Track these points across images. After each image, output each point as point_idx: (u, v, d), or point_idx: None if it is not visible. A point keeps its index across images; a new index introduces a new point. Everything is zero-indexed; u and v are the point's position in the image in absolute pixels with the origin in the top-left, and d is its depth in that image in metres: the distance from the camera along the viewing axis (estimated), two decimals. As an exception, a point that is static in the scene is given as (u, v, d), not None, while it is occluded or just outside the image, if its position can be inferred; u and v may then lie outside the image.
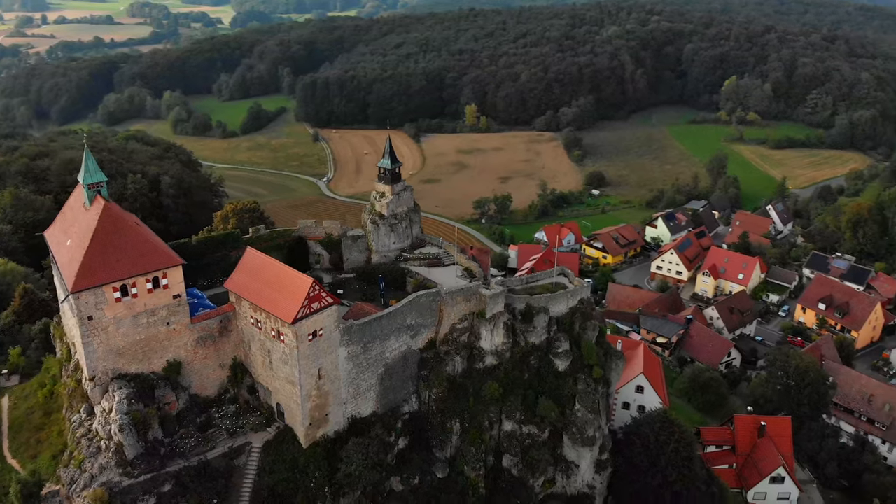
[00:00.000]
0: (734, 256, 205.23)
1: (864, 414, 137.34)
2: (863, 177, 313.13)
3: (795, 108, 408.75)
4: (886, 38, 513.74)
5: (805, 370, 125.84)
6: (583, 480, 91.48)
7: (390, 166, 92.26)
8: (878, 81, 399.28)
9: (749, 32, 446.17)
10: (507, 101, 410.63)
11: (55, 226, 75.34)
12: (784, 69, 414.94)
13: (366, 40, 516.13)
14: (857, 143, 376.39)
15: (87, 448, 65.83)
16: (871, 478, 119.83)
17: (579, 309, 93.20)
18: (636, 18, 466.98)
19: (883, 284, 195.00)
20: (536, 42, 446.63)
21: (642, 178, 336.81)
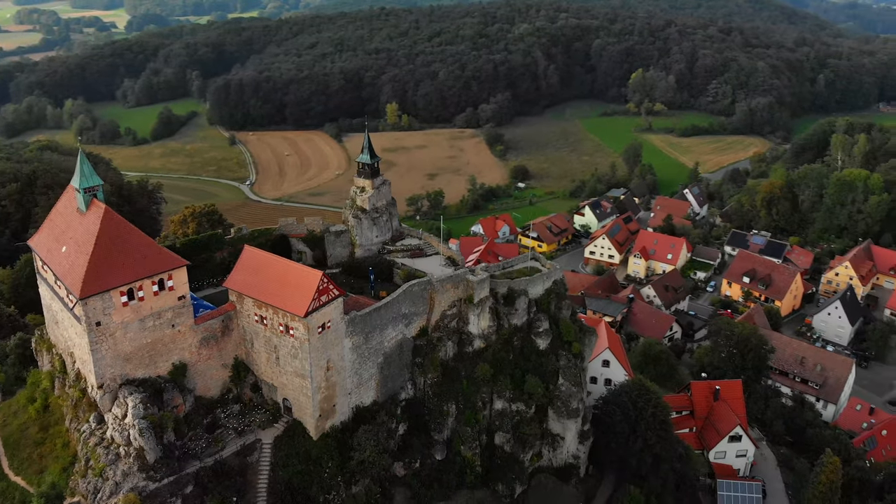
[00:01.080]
0: (662, 238, 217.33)
1: (797, 375, 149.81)
2: (766, 159, 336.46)
3: (698, 97, 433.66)
4: (776, 29, 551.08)
5: (747, 337, 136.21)
6: (568, 452, 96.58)
7: (370, 161, 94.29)
8: (772, 70, 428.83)
9: (651, 27, 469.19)
10: (428, 100, 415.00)
11: (42, 234, 73.10)
12: (686, 61, 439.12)
13: (276, 40, 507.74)
14: (756, 129, 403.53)
15: (105, 456, 64.80)
16: (813, 432, 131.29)
17: (554, 290, 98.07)
18: (545, 16, 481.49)
19: (798, 257, 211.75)
20: (451, 40, 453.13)
21: (563, 170, 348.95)
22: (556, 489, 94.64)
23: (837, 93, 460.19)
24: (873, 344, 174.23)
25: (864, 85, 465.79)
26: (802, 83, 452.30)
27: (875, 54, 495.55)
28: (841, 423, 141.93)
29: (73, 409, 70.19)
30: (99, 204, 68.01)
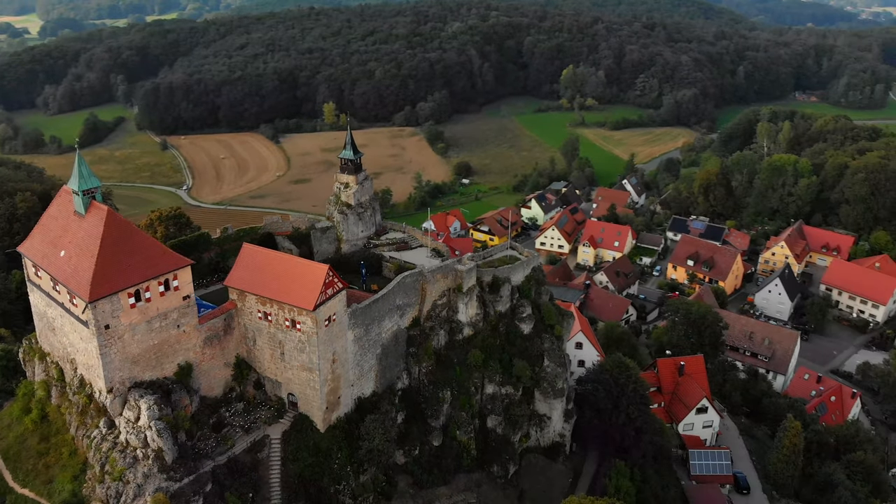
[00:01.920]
0: (608, 227, 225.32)
1: (748, 349, 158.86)
2: (695, 148, 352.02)
3: (627, 91, 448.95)
4: (696, 24, 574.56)
5: (703, 315, 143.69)
6: (554, 431, 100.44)
7: (353, 157, 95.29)
8: (695, 63, 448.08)
9: (580, 24, 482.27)
10: (365, 99, 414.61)
11: (34, 239, 71.37)
12: (614, 57, 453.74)
13: (204, 42, 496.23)
14: (683, 120, 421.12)
15: (122, 460, 64.13)
16: (769, 402, 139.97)
17: (533, 276, 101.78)
18: (476, 14, 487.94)
19: (736, 239, 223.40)
20: (385, 39, 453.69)
21: (504, 166, 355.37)
22: (545, 467, 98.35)
23: (756, 83, 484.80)
24: (812, 318, 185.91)
25: (780, 75, 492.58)
26: (723, 75, 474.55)
27: (790, 45, 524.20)
28: (791, 392, 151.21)
29: (79, 416, 68.92)
30: (100, 205, 67.24)
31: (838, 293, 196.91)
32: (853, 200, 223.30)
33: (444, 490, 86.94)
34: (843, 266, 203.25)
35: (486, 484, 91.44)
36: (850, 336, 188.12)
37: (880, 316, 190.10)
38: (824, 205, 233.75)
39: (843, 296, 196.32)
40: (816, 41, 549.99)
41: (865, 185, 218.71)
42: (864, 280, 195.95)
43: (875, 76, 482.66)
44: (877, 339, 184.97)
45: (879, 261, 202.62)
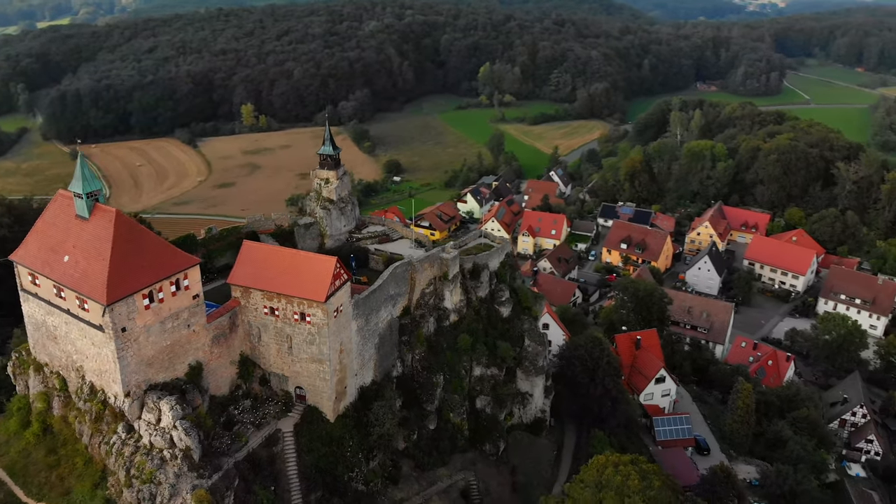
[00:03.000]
0: (545, 216, 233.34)
1: (687, 323, 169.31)
2: (611, 139, 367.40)
3: (542, 87, 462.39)
4: (601, 20, 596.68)
5: (650, 292, 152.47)
6: (536, 407, 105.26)
7: (333, 152, 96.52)
8: (605, 58, 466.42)
9: (493, 22, 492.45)
10: (284, 99, 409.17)
11: (28, 247, 69.21)
12: (528, 53, 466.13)
13: (108, 47, 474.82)
14: (596, 113, 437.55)
15: (150, 462, 63.69)
16: (714, 369, 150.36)
17: (507, 262, 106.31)
18: (392, 13, 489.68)
19: (663, 222, 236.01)
20: (302, 39, 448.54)
21: (433, 163, 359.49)
22: (530, 443, 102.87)
23: (661, 75, 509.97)
24: (739, 291, 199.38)
25: (682, 67, 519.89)
26: (630, 69, 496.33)
27: (689, 38, 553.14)
28: (731, 359, 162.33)
29: (93, 423, 67.59)
30: (105, 207, 66.33)
31: (760, 267, 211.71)
32: (767, 180, 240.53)
33: (443, 471, 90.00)
34: (763, 241, 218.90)
35: (480, 462, 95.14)
36: (775, 306, 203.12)
37: (800, 285, 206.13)
38: (741, 186, 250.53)
39: (765, 269, 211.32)
40: (713, 34, 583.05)
41: (778, 165, 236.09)
42: (783, 253, 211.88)
43: (770, 64, 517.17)
44: (799, 307, 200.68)
45: (795, 235, 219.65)
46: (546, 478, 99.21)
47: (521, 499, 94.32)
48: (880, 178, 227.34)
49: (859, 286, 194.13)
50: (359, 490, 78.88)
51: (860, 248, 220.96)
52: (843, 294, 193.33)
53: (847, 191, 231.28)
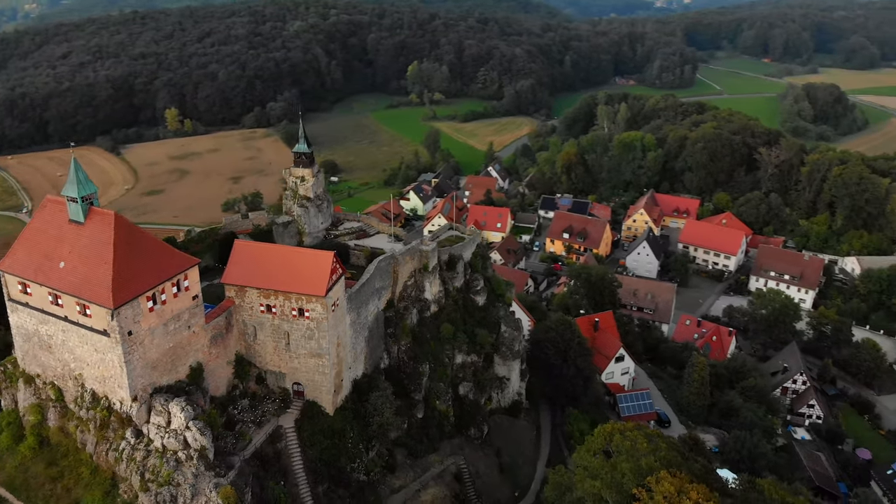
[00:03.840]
0: (489, 210, 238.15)
1: (634, 304, 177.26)
2: (541, 134, 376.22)
3: (470, 84, 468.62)
4: (522, 18, 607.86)
5: (602, 277, 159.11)
6: (513, 391, 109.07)
7: (308, 150, 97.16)
8: (528, 55, 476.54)
9: (419, 20, 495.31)
10: (210, 102, 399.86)
11: (17, 255, 67.32)
12: (455, 52, 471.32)
13: (19, 54, 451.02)
14: (523, 109, 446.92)
15: (166, 464, 63.46)
16: (664, 347, 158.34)
17: (478, 252, 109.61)
18: (316, 13, 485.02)
19: (600, 211, 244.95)
20: (224, 40, 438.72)
21: (369, 162, 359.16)
22: (510, 425, 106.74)
23: (582, 71, 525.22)
24: (676, 272, 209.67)
25: (602, 62, 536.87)
26: (553, 65, 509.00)
27: (607, 34, 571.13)
28: (677, 337, 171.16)
29: (98, 431, 66.52)
30: (102, 210, 65.66)
31: (694, 249, 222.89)
32: (695, 168, 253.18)
33: (434, 457, 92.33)
34: (695, 225, 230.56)
35: (467, 446, 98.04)
36: (710, 285, 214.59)
37: (732, 265, 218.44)
38: (670, 174, 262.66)
39: (698, 251, 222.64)
40: (629, 30, 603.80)
41: (704, 153, 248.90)
42: (714, 236, 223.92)
43: (683, 58, 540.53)
44: (733, 286, 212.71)
45: (725, 218, 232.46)
46: (529, 457, 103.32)
47: (508, 478, 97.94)
48: (800, 160, 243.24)
49: (787, 263, 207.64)
50: (360, 480, 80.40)
51: (784, 228, 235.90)
52: (772, 271, 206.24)
53: (769, 174, 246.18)
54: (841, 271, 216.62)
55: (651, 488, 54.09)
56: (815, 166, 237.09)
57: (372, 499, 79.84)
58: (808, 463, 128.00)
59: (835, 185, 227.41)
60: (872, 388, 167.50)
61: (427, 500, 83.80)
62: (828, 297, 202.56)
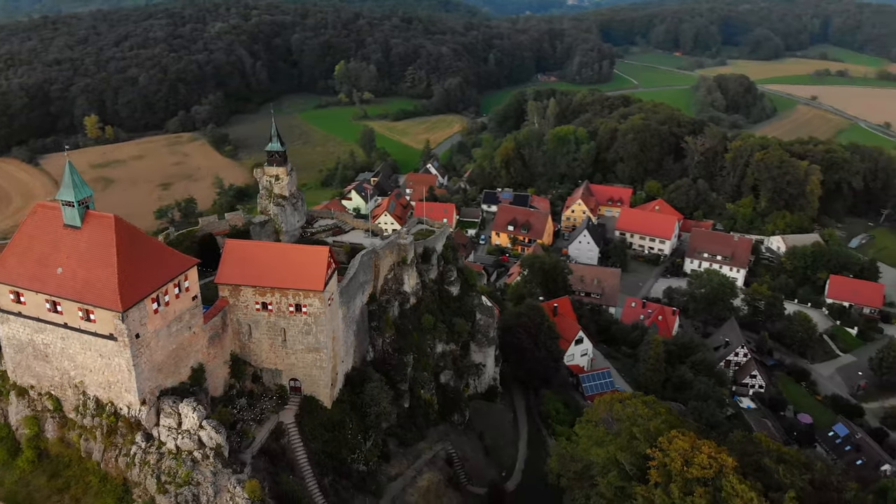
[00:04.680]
0: (434, 206, 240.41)
1: (582, 290, 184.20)
2: (472, 131, 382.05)
3: (398, 83, 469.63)
4: (445, 17, 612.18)
5: (554, 265, 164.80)
6: (489, 376, 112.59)
7: (281, 148, 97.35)
8: (454, 53, 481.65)
9: (343, 20, 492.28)
10: (132, 107, 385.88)
11: (7, 264, 65.31)
12: (381, 51, 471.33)
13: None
14: (452, 107, 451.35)
15: (182, 466, 63.41)
16: (616, 328, 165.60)
17: (448, 244, 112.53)
18: (237, 13, 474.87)
19: (540, 203, 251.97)
20: (143, 44, 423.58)
21: (303, 163, 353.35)
22: (488, 409, 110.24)
23: (505, 69, 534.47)
24: (616, 258, 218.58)
25: (524, 60, 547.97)
26: (478, 63, 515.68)
27: (527, 32, 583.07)
28: (625, 319, 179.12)
29: (105, 438, 65.66)
30: (100, 214, 64.91)
31: (631, 236, 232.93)
32: (626, 158, 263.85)
33: (424, 444, 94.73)
34: (630, 213, 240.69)
35: (451, 432, 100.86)
36: (648, 269, 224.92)
37: (667, 249, 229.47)
38: (603, 165, 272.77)
39: (635, 237, 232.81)
40: (548, 27, 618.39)
41: (635, 143, 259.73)
42: (649, 222, 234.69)
43: (601, 54, 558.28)
44: (669, 268, 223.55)
45: (657, 204, 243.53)
46: (510, 438, 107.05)
47: (493, 460, 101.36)
48: (723, 147, 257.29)
49: (718, 244, 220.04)
50: (360, 470, 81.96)
51: (713, 212, 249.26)
52: (705, 252, 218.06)
53: (696, 162, 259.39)
54: (767, 250, 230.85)
55: (664, 448, 58.39)
56: (737, 152, 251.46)
57: (373, 488, 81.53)
58: (758, 429, 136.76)
59: (757, 169, 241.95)
60: (806, 357, 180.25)
61: (423, 485, 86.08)
62: (757, 274, 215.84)
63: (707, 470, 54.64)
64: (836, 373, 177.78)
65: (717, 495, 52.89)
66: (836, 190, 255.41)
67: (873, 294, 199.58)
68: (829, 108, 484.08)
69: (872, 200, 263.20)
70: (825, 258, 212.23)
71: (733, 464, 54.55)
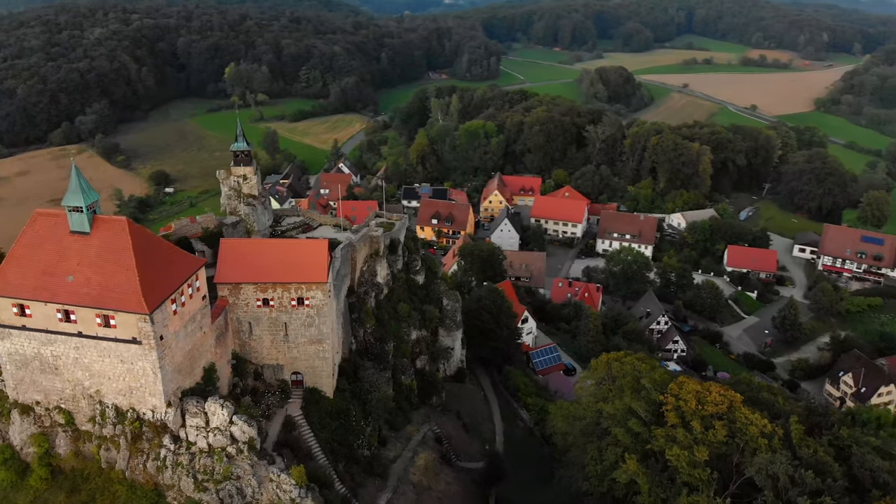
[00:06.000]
0: (357, 205, 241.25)
1: (512, 274, 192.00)
2: (376, 129, 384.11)
3: (293, 84, 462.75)
4: (329, 17, 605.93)
5: (490, 252, 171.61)
6: (456, 359, 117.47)
7: (247, 147, 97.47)
8: (347, 52, 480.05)
9: (229, 21, 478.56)
10: (10, 121, 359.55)
11: (7, 277, 63.09)
12: (273, 52, 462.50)
13: None
14: (350, 106, 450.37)
15: (220, 462, 63.94)
16: (550, 307, 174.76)
17: (409, 235, 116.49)
18: (116, 18, 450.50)
19: (458, 196, 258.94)
20: (18, 54, 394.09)
21: (202, 169, 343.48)
22: (459, 390, 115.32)
23: (398, 67, 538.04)
24: (535, 244, 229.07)
25: (415, 58, 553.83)
26: (371, 62, 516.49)
27: (416, 31, 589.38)
28: (554, 298, 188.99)
29: (131, 445, 64.94)
30: (109, 217, 64.43)
31: (545, 221, 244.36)
32: (534, 149, 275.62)
33: (411, 427, 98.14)
34: (543, 200, 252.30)
35: (432, 414, 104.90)
36: (564, 251, 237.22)
37: (579, 232, 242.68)
38: (513, 156, 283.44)
39: (549, 223, 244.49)
40: (435, 25, 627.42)
41: (541, 135, 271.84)
42: (561, 208, 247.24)
43: (488, 51, 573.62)
44: (583, 249, 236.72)
45: (567, 191, 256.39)
46: (485, 414, 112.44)
47: (474, 436, 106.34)
48: (622, 135, 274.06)
49: (626, 224, 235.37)
50: (366, 455, 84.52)
51: (616, 195, 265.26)
52: (615, 233, 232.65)
53: (598, 149, 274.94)
54: (669, 227, 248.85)
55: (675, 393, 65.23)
56: (635, 139, 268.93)
57: (380, 470, 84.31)
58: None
59: (654, 152, 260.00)
60: (716, 321, 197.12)
61: (421, 464, 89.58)
62: (662, 250, 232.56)
63: (720, 406, 62.19)
64: (744, 333, 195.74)
65: (731, 427, 60.54)
66: (722, 168, 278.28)
67: (767, 260, 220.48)
68: (699, 94, 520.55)
69: (754, 176, 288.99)
70: (722, 231, 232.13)
71: (740, 399, 62.50)
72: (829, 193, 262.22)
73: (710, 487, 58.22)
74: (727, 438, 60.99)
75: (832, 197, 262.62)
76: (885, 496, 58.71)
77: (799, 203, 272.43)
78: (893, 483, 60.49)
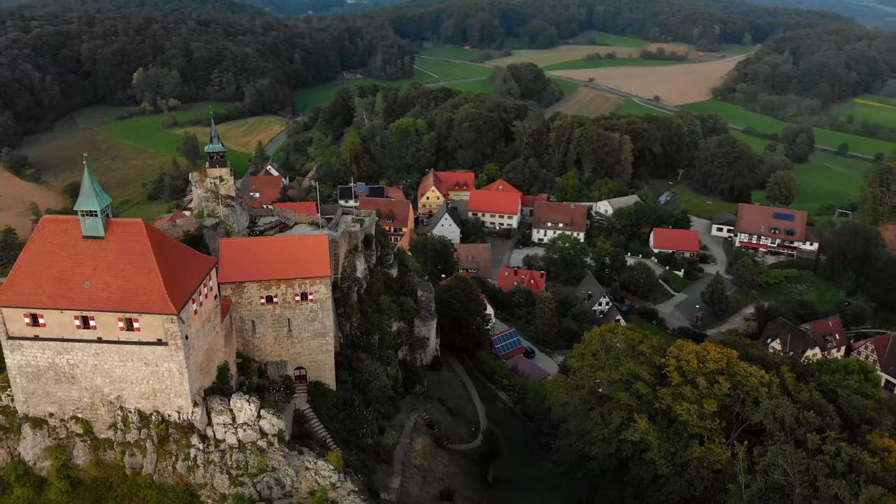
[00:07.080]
0: (296, 206, 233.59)
1: (460, 266, 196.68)
2: (298, 130, 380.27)
3: (206, 87, 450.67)
4: (237, 18, 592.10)
5: (443, 246, 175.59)
6: (432, 348, 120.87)
7: (223, 149, 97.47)
8: (260, 54, 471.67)
9: (134, 26, 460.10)
10: None
11: (17, 286, 61.73)
12: (182, 55, 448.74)
13: None
14: (267, 108, 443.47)
15: (254, 456, 64.89)
16: (501, 295, 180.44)
17: (378, 230, 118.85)
18: (15, 25, 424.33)
19: (394, 194, 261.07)
20: None
21: (118, 179, 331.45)
22: (437, 378, 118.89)
23: (312, 68, 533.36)
24: (475, 236, 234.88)
25: (329, 58, 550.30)
26: (284, 63, 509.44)
27: (327, 31, 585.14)
28: (503, 286, 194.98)
29: (158, 448, 64.87)
30: (125, 220, 64.27)
31: (482, 215, 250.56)
32: (465, 145, 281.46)
33: (401, 415, 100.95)
34: (479, 194, 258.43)
35: (418, 402, 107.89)
36: (502, 242, 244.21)
37: (514, 223, 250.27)
38: (445, 153, 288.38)
39: (486, 216, 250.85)
40: (346, 26, 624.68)
41: (471, 131, 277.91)
42: (496, 201, 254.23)
43: (401, 50, 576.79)
44: (520, 239, 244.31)
45: (500, 184, 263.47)
46: (466, 398, 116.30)
47: (459, 419, 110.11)
48: (547, 128, 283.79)
49: (559, 213, 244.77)
50: (369, 443, 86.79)
51: (545, 186, 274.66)
52: (549, 222, 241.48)
53: (525, 143, 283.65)
54: (597, 214, 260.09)
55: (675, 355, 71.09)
56: (560, 132, 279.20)
57: (385, 457, 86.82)
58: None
59: (579, 144, 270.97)
60: (650, 300, 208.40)
61: (419, 448, 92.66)
62: (593, 236, 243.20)
63: (720, 362, 68.61)
64: (676, 309, 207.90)
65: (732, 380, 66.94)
66: (640, 157, 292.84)
67: (691, 240, 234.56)
68: (604, 88, 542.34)
69: (669, 163, 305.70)
70: (646, 215, 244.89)
71: (736, 354, 69.05)
72: (740, 175, 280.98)
73: (720, 436, 64.49)
74: (730, 390, 67.72)
75: (742, 178, 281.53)
76: (874, 430, 67.13)
77: (712, 186, 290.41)
78: (878, 418, 69.15)
